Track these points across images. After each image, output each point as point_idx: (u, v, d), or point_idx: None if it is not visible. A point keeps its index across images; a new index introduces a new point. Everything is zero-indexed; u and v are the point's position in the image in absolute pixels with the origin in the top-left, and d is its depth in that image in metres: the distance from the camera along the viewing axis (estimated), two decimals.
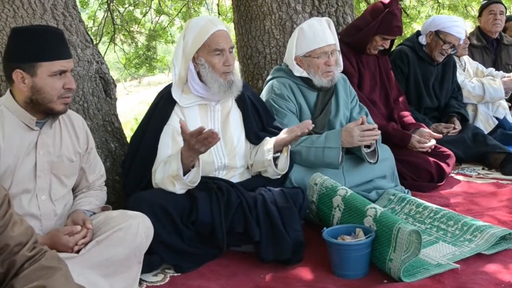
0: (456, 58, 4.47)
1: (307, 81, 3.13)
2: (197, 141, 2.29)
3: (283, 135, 2.68)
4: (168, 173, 2.43)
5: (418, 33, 4.23)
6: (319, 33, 3.03)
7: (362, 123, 2.88)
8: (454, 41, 4.00)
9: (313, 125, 2.65)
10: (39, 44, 2.11)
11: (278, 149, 2.68)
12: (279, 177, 2.73)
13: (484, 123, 4.39)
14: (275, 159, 2.68)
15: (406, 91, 4.10)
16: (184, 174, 2.41)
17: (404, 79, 4.12)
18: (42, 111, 2.16)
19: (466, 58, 4.67)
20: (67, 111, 2.24)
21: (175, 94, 2.65)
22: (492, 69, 4.73)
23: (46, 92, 2.12)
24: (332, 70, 3.07)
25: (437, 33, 4.01)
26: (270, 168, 2.66)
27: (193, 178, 2.43)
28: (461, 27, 4.03)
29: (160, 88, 2.88)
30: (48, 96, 2.12)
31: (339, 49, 3.14)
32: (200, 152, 2.36)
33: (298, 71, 3.12)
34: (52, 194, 2.23)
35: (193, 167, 2.44)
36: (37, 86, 2.11)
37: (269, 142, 2.70)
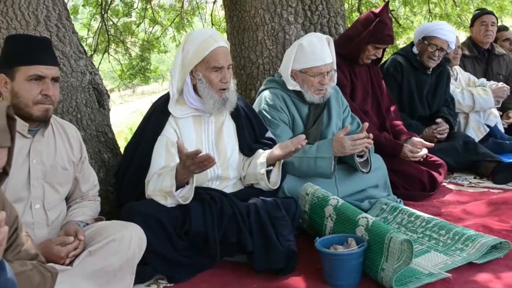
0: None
1: (299, 94, 3.14)
2: (193, 163, 2.31)
3: (276, 150, 2.67)
4: (161, 187, 2.43)
5: (412, 44, 4.28)
6: (318, 52, 3.03)
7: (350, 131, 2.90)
8: (440, 43, 4.02)
9: (306, 140, 2.65)
10: (20, 49, 2.15)
11: (270, 163, 2.69)
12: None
13: (476, 131, 4.43)
14: (268, 172, 2.69)
15: (399, 99, 4.13)
16: (178, 188, 2.42)
17: (397, 87, 4.15)
18: (23, 117, 2.16)
19: (458, 68, 4.72)
20: (48, 118, 2.23)
21: (171, 107, 2.65)
22: (483, 80, 4.78)
23: (21, 96, 2.14)
24: (325, 88, 3.09)
25: (424, 38, 4.07)
26: (262, 182, 2.67)
27: (185, 194, 2.44)
28: (447, 30, 4.06)
29: (154, 97, 2.89)
30: (24, 100, 2.14)
31: (335, 67, 3.15)
32: (195, 173, 2.38)
33: (292, 85, 3.12)
34: (46, 203, 2.23)
35: (187, 183, 2.45)
36: (15, 90, 2.14)
37: (262, 156, 2.70)
